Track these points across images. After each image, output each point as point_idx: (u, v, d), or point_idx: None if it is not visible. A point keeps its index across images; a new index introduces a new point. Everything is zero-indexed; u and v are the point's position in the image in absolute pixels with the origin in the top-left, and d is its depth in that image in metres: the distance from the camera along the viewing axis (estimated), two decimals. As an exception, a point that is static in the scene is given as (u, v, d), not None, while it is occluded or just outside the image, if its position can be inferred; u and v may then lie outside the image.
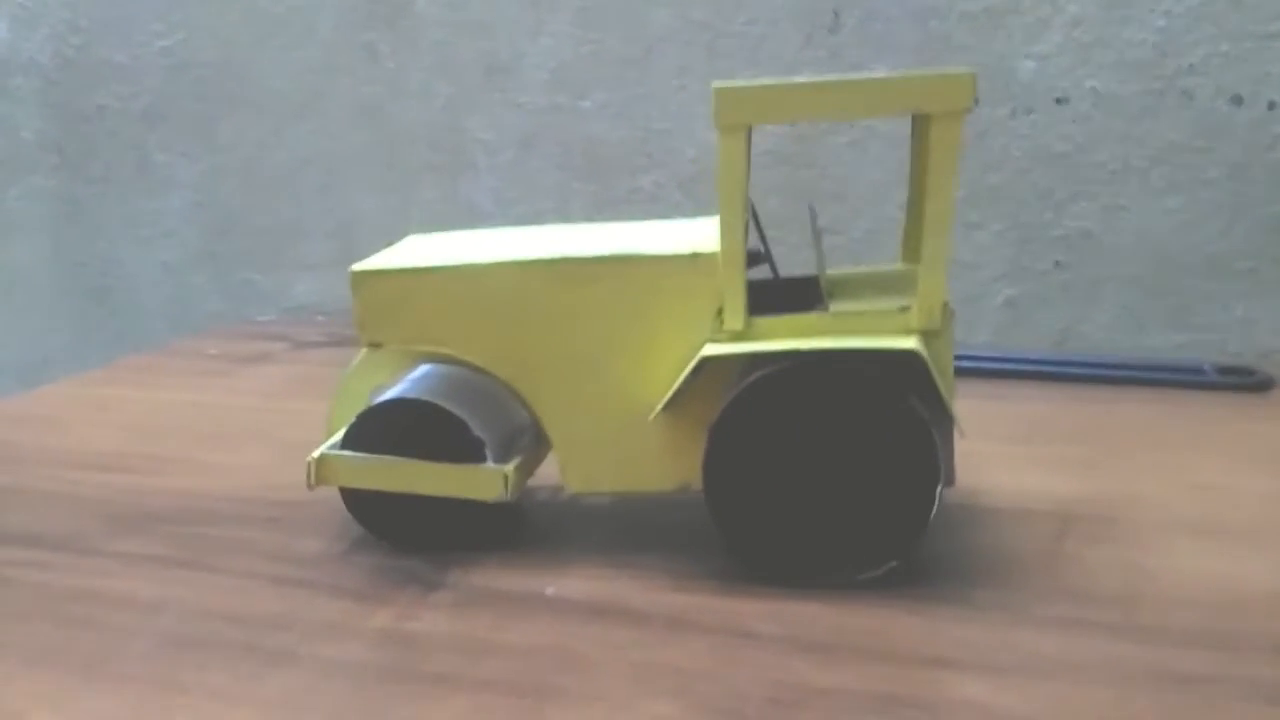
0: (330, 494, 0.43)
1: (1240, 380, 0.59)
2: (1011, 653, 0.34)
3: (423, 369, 0.44)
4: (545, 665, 0.35)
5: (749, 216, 0.40)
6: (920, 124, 0.42)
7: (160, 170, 0.88)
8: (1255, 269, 0.64)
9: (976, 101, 0.36)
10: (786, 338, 0.38)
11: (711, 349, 0.38)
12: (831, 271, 0.42)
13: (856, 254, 0.69)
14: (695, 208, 0.74)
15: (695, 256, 0.39)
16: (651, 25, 0.72)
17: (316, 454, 0.42)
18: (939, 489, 0.38)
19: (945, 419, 0.38)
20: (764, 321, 0.39)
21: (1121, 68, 0.63)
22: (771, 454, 0.38)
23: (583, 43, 0.74)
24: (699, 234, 0.41)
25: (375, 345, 0.41)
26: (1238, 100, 0.62)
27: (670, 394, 0.39)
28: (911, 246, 0.44)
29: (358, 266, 0.41)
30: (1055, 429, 0.54)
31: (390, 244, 0.47)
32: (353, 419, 0.43)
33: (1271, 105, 0.61)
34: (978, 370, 0.60)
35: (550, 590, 0.40)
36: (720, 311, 0.39)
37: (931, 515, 0.38)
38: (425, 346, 0.41)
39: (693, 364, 0.38)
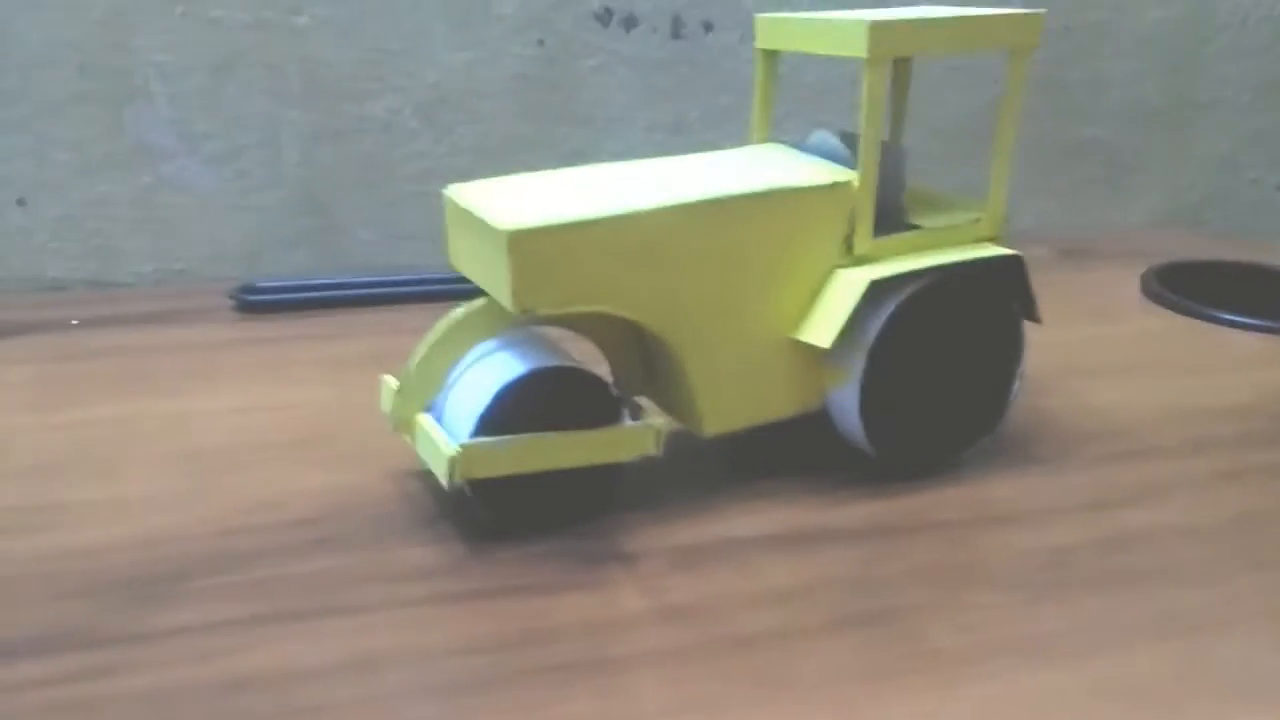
0: (359, 497, 0.40)
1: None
2: (1122, 489, 0.43)
3: (503, 336, 0.40)
4: (853, 593, 0.36)
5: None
6: (901, 62, 0.48)
7: None
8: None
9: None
10: (900, 255, 0.42)
11: (867, 272, 0.40)
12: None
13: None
14: (435, 135, 0.70)
15: (834, 186, 0.40)
16: (381, -66, 0.65)
17: (455, 449, 0.36)
18: (1020, 370, 0.45)
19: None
20: (877, 242, 0.42)
21: None
22: (913, 360, 0.42)
23: (297, -50, 0.64)
24: (803, 163, 0.42)
25: (527, 312, 0.36)
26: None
27: (844, 320, 0.40)
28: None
29: (508, 225, 0.35)
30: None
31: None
32: (468, 399, 0.38)
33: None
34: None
35: (739, 533, 0.39)
36: (847, 236, 0.41)
37: (1014, 394, 0.45)
38: (579, 306, 0.37)
39: (862, 289, 0.40)
